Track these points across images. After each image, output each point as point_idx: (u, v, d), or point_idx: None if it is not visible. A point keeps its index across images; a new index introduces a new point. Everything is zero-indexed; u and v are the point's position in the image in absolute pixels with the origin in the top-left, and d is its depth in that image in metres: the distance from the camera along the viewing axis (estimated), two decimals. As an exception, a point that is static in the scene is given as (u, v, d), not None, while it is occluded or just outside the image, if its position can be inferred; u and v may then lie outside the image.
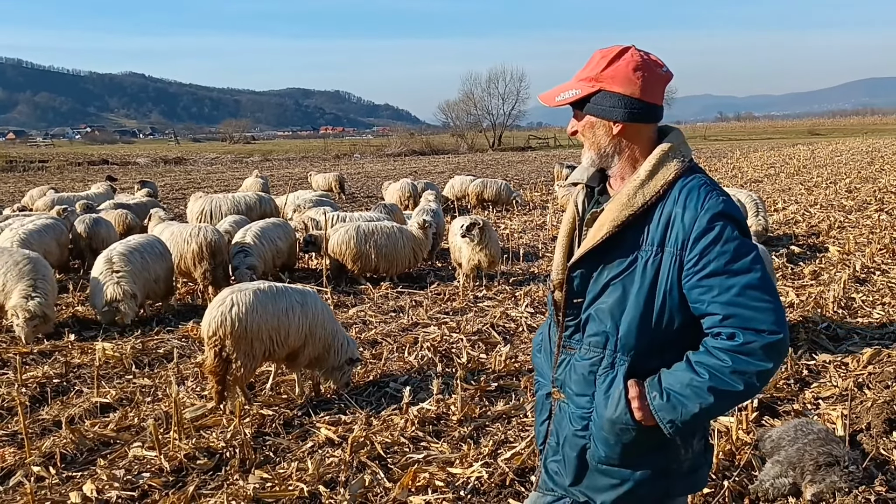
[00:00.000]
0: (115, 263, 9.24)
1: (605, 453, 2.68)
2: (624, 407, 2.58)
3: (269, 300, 6.36)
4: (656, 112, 2.65)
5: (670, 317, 2.55)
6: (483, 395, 6.83)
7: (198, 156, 61.58)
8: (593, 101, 2.65)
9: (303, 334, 6.53)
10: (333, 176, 26.46)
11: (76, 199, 17.53)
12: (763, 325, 2.40)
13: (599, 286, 2.65)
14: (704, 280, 2.45)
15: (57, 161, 52.91)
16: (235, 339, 6.19)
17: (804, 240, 14.54)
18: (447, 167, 40.07)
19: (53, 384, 7.25)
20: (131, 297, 9.06)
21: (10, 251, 9.20)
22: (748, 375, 2.41)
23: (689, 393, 2.47)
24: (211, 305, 6.40)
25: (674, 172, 2.57)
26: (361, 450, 5.67)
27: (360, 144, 78.06)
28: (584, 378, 2.71)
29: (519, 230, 16.79)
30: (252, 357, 6.33)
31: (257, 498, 5.01)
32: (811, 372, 7.35)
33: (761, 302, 2.41)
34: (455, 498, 5.00)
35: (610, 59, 2.61)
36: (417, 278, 12.10)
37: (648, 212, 2.57)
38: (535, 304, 9.97)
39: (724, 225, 2.45)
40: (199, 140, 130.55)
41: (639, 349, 2.59)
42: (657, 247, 2.54)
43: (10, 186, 33.05)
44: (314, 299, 6.77)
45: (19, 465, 5.49)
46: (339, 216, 13.12)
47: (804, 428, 5.18)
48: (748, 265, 2.43)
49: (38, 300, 8.50)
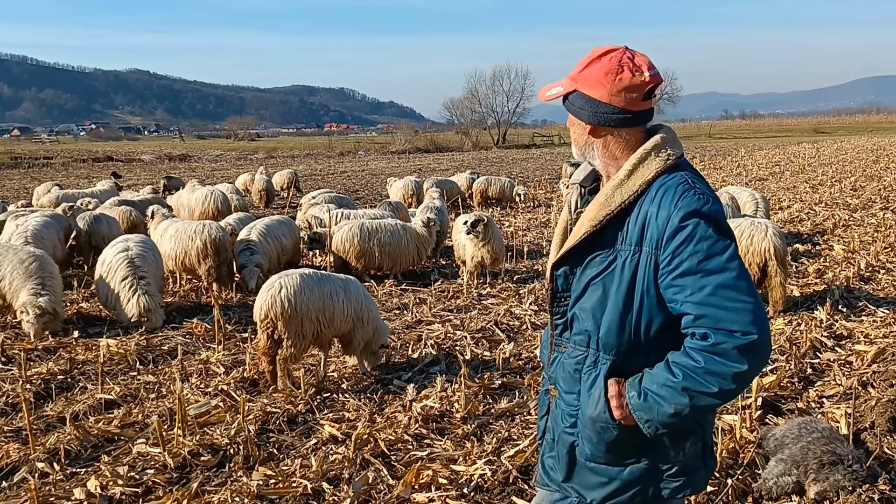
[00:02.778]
0: (140, 268, 9.24)
1: (590, 451, 2.69)
2: (603, 405, 2.58)
3: (314, 284, 6.81)
4: (628, 117, 2.61)
5: (649, 317, 2.55)
6: (487, 393, 6.83)
7: (202, 153, 61.69)
8: (570, 100, 2.70)
9: (349, 318, 6.96)
10: (287, 174, 25.05)
11: (80, 196, 17.57)
12: (735, 326, 2.35)
13: (582, 285, 2.67)
14: (678, 279, 2.43)
15: (62, 158, 53.08)
16: (286, 320, 6.64)
17: (809, 238, 14.51)
18: (452, 164, 40.05)
19: (58, 381, 7.27)
20: (159, 304, 9.20)
21: (14, 249, 9.21)
22: (721, 377, 2.37)
23: (665, 393, 2.45)
24: (261, 291, 6.85)
25: (654, 171, 2.56)
26: (365, 447, 5.68)
27: (364, 142, 78.04)
28: (571, 376, 2.72)
29: (523, 227, 16.79)
30: (302, 337, 6.76)
31: (261, 495, 5.01)
32: (815, 370, 7.34)
33: (735, 302, 2.37)
34: (458, 495, 5.00)
35: (591, 60, 2.62)
36: (421, 276, 12.10)
37: (627, 211, 2.56)
38: (539, 302, 9.97)
39: (697, 223, 2.42)
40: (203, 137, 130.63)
41: (620, 348, 2.59)
42: (635, 246, 2.53)
43: (14, 183, 33.16)
44: (356, 286, 7.22)
45: (23, 462, 5.50)
46: (343, 213, 13.13)
47: (808, 426, 5.17)
48: (722, 264, 2.40)
49: (48, 297, 8.52)
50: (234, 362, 7.76)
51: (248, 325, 9.05)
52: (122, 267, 9.17)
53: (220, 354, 7.93)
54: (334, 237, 11.42)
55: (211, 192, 16.49)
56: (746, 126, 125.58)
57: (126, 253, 9.33)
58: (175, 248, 10.64)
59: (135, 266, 9.20)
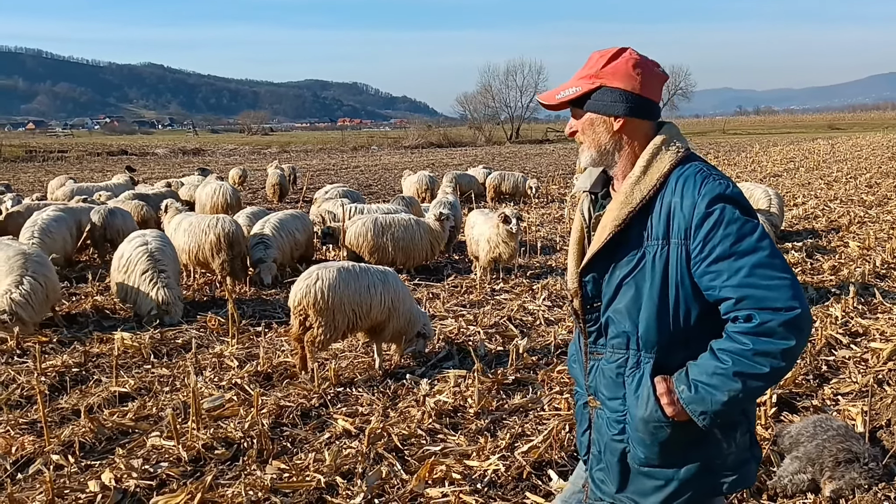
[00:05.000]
0: (160, 262, 9.28)
1: (644, 454, 2.65)
2: (654, 404, 2.56)
3: (351, 278, 6.96)
4: (654, 109, 2.68)
5: (687, 308, 2.54)
6: (500, 388, 6.82)
7: (216, 147, 61.94)
8: (594, 98, 2.66)
9: (386, 309, 7.08)
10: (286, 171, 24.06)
11: (95, 190, 17.66)
12: (778, 303, 2.35)
13: (613, 288, 2.65)
14: (712, 266, 2.43)
15: (76, 151, 53.33)
16: (317, 310, 6.79)
17: (824, 235, 14.42)
18: (465, 159, 40.00)
19: (72, 373, 7.31)
20: (179, 297, 9.27)
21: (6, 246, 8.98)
22: (772, 356, 2.37)
23: (716, 381, 2.43)
24: (299, 279, 7.03)
25: (668, 164, 2.58)
26: (378, 441, 5.68)
27: (377, 136, 78.08)
28: (613, 381, 2.70)
29: (536, 223, 16.74)
30: (333, 328, 6.89)
31: (275, 488, 5.02)
32: (830, 368, 7.30)
33: (773, 280, 2.37)
34: (472, 490, 5.00)
35: (609, 58, 2.65)
36: (434, 271, 12.10)
37: (649, 206, 2.57)
38: (553, 298, 9.95)
39: (724, 207, 2.43)
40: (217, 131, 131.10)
41: (661, 345, 2.58)
42: (662, 240, 2.53)
43: (29, 176, 33.36)
44: (394, 278, 7.38)
45: (38, 454, 5.54)
46: (356, 208, 13.14)
47: (823, 424, 5.14)
48: (754, 244, 2.40)
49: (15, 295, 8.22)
50: (247, 356, 7.78)
51: (262, 319, 9.08)
52: (143, 261, 9.20)
53: (234, 348, 7.96)
54: (347, 232, 11.43)
55: (220, 186, 16.54)
56: (761, 122, 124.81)
57: (146, 247, 9.36)
58: (189, 242, 10.68)
59: (155, 260, 9.25)
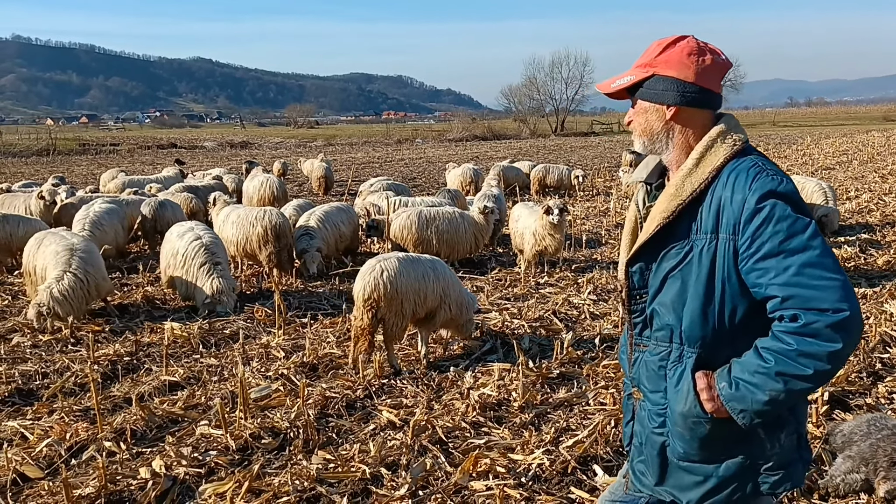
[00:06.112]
0: (216, 255, 9.47)
1: (682, 449, 2.63)
2: (693, 399, 2.52)
3: (410, 266, 7.11)
4: (711, 98, 2.62)
5: (732, 304, 2.49)
6: (545, 382, 6.80)
7: (263, 140, 62.58)
8: (646, 86, 2.64)
9: (438, 296, 7.23)
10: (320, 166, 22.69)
11: (146, 182, 17.96)
12: (825, 304, 2.27)
13: (659, 280, 2.62)
14: (760, 262, 2.37)
15: (127, 144, 54.37)
16: (388, 301, 6.88)
17: (878, 229, 14.08)
18: (509, 152, 39.83)
19: (124, 362, 7.46)
20: (233, 288, 9.42)
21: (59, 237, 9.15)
22: (816, 358, 2.29)
23: (757, 380, 2.38)
24: (360, 274, 7.11)
25: (722, 157, 2.52)
26: (423, 433, 5.70)
27: (421, 129, 78.19)
28: (655, 373, 2.67)
29: (582, 216, 16.63)
30: (402, 316, 7.03)
31: (320, 478, 5.07)
32: (885, 365, 7.12)
33: (821, 280, 2.29)
34: (516, 484, 4.98)
35: (665, 46, 2.61)
36: (479, 264, 12.08)
37: (699, 199, 2.52)
38: (598, 292, 9.87)
39: (775, 203, 2.37)
40: (264, 124, 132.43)
41: (705, 340, 2.54)
42: (711, 234, 2.48)
43: (83, 169, 34.07)
44: (443, 266, 7.51)
45: (92, 440, 5.65)
46: (401, 201, 13.18)
47: (878, 423, 5.02)
48: (804, 243, 2.33)
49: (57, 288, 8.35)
50: (293, 347, 7.86)
51: (308, 311, 9.16)
52: (200, 254, 9.37)
53: (281, 339, 8.04)
54: (392, 224, 11.47)
55: (267, 179, 16.70)
56: (812, 114, 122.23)
57: (200, 241, 9.53)
58: (236, 234, 10.81)
59: (211, 252, 9.44)
